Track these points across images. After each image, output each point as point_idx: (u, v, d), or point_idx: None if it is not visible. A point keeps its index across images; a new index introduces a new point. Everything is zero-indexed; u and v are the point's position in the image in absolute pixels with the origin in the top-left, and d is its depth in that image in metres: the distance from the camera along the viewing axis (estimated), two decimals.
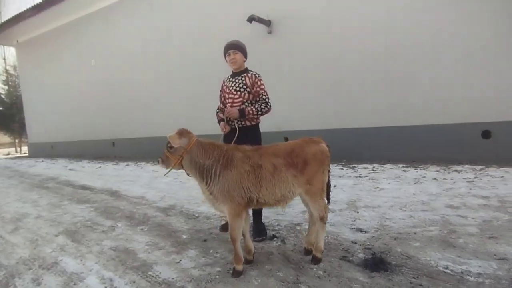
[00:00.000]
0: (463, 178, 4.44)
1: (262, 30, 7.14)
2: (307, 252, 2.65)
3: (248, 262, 2.54)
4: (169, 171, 2.54)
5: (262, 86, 3.10)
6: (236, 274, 2.35)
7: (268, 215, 3.66)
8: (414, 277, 2.18)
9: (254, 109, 3.00)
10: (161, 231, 3.52)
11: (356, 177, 5.20)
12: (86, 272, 2.67)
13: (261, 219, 3.17)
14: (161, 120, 9.25)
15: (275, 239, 3.01)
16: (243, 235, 2.54)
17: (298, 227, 3.26)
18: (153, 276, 2.49)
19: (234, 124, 3.06)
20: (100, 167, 9.01)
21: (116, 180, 6.67)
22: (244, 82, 3.08)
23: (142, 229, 3.65)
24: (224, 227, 3.27)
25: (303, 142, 2.49)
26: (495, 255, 2.38)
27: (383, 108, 6.00)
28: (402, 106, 5.81)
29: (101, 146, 11.24)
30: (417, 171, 5.06)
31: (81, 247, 3.25)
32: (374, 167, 5.74)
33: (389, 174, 5.13)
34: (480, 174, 4.56)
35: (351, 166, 6.08)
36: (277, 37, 7.00)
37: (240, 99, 3.07)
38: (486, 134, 5.18)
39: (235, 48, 3.11)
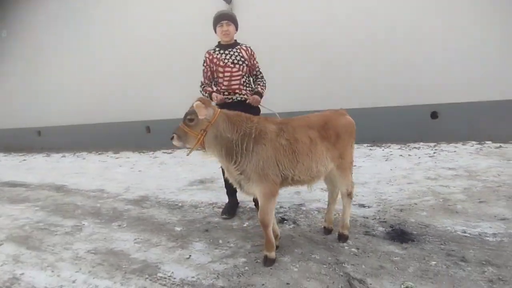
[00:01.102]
0: (425, 154, 4.88)
1: (222, 4, 6.65)
2: (327, 231, 2.54)
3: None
4: (192, 150, 2.12)
5: (256, 59, 3.05)
6: (270, 262, 2.10)
7: None
8: (442, 244, 2.25)
9: (262, 87, 2.99)
10: (146, 225, 3.01)
11: None
12: (68, 285, 2.10)
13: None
14: (95, 108, 8.05)
15: (285, 222, 2.82)
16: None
17: (303, 208, 3.13)
18: (166, 278, 2.08)
19: (237, 98, 2.88)
20: (24, 160, 7.47)
21: (56, 174, 5.58)
22: (241, 54, 2.93)
23: (119, 225, 3.07)
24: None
25: (333, 114, 2.33)
26: (495, 216, 2.61)
27: (350, 92, 6.11)
28: (365, 90, 6.02)
29: (22, 135, 9.34)
30: (383, 150, 5.40)
31: (45, 254, 2.58)
32: None
33: (359, 153, 5.35)
34: (436, 150, 5.08)
35: None
36: (239, 12, 6.60)
37: (240, 72, 2.91)
38: (434, 115, 5.78)
39: (228, 19, 2.91)
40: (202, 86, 2.98)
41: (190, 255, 2.35)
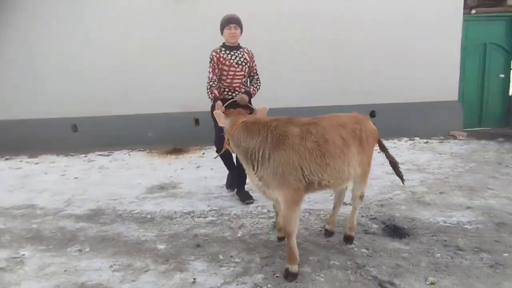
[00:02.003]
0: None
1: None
2: (329, 233, 2.51)
3: (281, 239, 2.38)
4: (220, 153, 1.90)
5: (255, 62, 3.34)
6: (292, 277, 1.94)
7: (236, 204, 3.24)
8: (433, 236, 2.44)
9: (255, 89, 3.24)
10: (116, 246, 2.49)
11: None
12: None
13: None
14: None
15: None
16: (277, 213, 2.32)
17: None
18: None
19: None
20: None
21: None
22: (244, 56, 3.21)
23: (79, 250, 2.46)
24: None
25: (362, 117, 2.32)
26: (460, 205, 2.97)
27: (300, 91, 6.24)
28: (314, 91, 6.23)
29: None
30: None
31: None
32: None
33: None
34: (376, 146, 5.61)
35: None
36: (186, 4, 6.09)
37: (242, 72, 3.20)
38: (372, 114, 6.39)
39: (236, 23, 3.15)
40: (210, 83, 3.11)
41: (194, 279, 2.01)
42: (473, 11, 6.06)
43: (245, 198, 3.28)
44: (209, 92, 3.08)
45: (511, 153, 4.72)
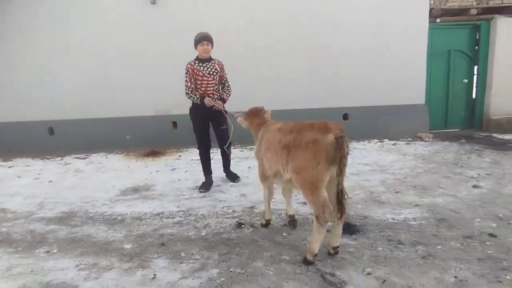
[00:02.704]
0: None
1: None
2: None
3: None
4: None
5: (226, 71, 3.95)
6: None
7: (214, 203, 3.41)
8: (380, 231, 2.67)
9: (227, 95, 3.92)
10: (85, 247, 2.62)
11: None
12: None
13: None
14: None
15: (243, 226, 2.86)
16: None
17: (255, 210, 3.21)
18: None
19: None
20: None
21: None
22: (215, 67, 3.80)
23: (47, 251, 2.58)
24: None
25: (309, 126, 2.20)
26: (410, 203, 3.22)
27: (270, 94, 6.43)
28: (291, 94, 6.44)
29: None
30: None
31: None
32: None
33: None
34: (350, 148, 5.86)
35: (248, 147, 6.36)
36: (162, 7, 6.19)
37: (214, 81, 3.79)
38: (345, 116, 6.66)
39: (208, 40, 3.75)
40: (190, 89, 3.72)
41: (155, 274, 2.16)
42: (438, 20, 6.42)
43: (234, 178, 4.09)
44: (192, 95, 3.70)
45: (469, 154, 5.05)
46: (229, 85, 3.96)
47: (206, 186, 3.89)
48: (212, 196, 3.67)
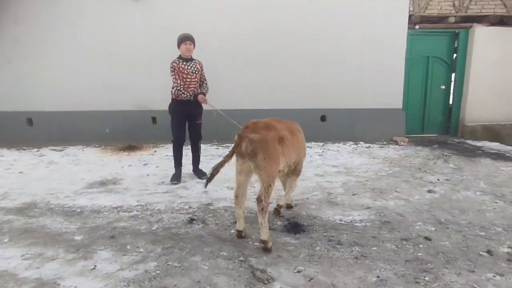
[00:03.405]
0: (315, 153, 5.68)
1: None
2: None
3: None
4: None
5: (204, 71, 4.21)
6: None
7: (173, 199, 3.49)
8: (325, 232, 2.77)
9: (206, 91, 4.13)
10: (36, 237, 2.69)
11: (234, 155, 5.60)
12: None
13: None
14: None
15: (194, 222, 2.95)
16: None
17: (211, 207, 3.30)
18: None
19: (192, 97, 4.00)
20: None
21: None
22: (196, 66, 4.05)
23: None
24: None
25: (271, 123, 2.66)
26: (362, 205, 3.33)
27: (244, 91, 6.49)
28: (272, 95, 6.51)
29: None
30: None
31: None
32: None
33: None
34: (324, 149, 5.97)
35: (224, 145, 6.44)
36: (145, 4, 6.23)
37: (196, 79, 4.05)
38: (323, 118, 6.75)
39: (191, 40, 3.99)
40: (182, 86, 3.90)
41: (95, 266, 2.25)
42: (417, 27, 6.52)
43: (202, 175, 4.18)
44: (185, 92, 3.89)
45: (436, 159, 5.18)
46: (207, 83, 4.21)
47: (177, 177, 4.08)
48: (175, 192, 3.75)
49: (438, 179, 4.15)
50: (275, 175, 2.53)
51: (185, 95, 3.92)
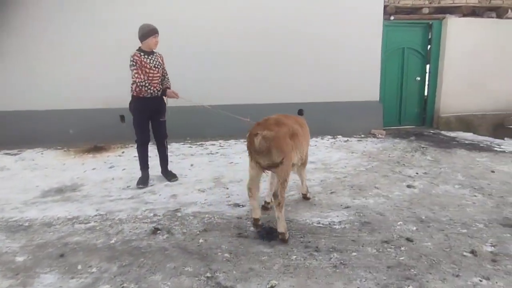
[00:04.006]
0: None
1: None
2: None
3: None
4: None
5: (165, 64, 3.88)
6: None
7: (137, 206, 3.17)
8: (302, 237, 2.56)
9: (169, 86, 3.83)
10: None
11: (208, 154, 5.31)
12: None
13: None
14: None
15: (159, 232, 2.65)
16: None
17: (178, 214, 3.01)
18: None
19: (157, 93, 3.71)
20: None
21: None
22: (158, 60, 3.71)
23: None
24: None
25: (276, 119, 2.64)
26: (341, 205, 3.15)
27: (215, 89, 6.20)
28: (250, 90, 6.24)
29: None
30: None
31: None
32: (220, 143, 6.04)
33: (236, 149, 5.56)
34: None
35: (198, 143, 6.11)
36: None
37: (158, 74, 3.70)
38: (300, 112, 6.56)
39: (158, 33, 3.61)
40: (146, 82, 3.54)
41: None
42: (392, 17, 6.42)
43: (171, 177, 3.91)
44: (151, 88, 3.57)
45: (414, 152, 5.12)
46: (168, 77, 3.90)
47: (144, 181, 3.79)
48: (140, 197, 3.43)
49: (417, 173, 4.06)
50: (289, 170, 2.58)
51: (149, 92, 3.58)
